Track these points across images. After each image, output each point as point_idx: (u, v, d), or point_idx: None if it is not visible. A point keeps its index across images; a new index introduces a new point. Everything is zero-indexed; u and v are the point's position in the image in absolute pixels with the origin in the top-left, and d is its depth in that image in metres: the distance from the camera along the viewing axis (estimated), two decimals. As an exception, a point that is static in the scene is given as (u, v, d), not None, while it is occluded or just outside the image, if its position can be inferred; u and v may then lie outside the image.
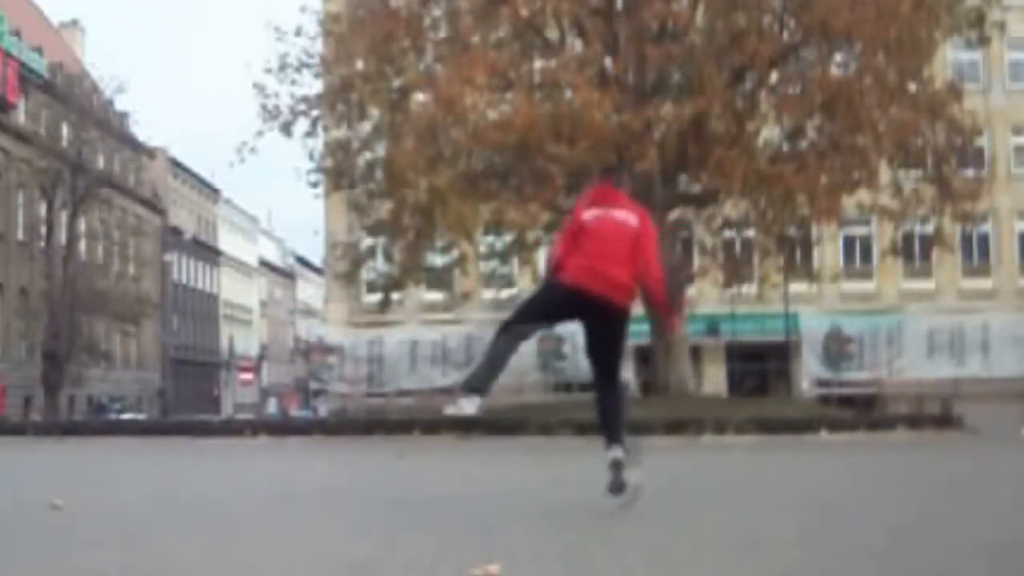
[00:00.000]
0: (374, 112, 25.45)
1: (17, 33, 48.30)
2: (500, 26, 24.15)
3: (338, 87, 25.11)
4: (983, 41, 25.49)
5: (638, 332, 14.46)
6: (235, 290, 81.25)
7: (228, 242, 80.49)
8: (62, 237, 44.59)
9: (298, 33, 25.68)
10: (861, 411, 27.07)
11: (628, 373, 6.11)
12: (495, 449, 17.03)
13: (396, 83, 24.99)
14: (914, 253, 35.17)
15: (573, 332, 36.14)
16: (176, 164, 69.71)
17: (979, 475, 10.12)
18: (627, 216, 6.18)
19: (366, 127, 26.17)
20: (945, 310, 38.02)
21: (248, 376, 75.42)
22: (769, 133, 25.42)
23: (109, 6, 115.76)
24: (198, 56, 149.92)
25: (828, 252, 36.62)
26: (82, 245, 47.66)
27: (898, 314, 38.25)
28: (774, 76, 24.43)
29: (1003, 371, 35.58)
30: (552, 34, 24.78)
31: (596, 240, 6.07)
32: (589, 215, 6.21)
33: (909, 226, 28.37)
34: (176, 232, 67.33)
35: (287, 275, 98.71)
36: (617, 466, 5.87)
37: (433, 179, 23.02)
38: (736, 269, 28.50)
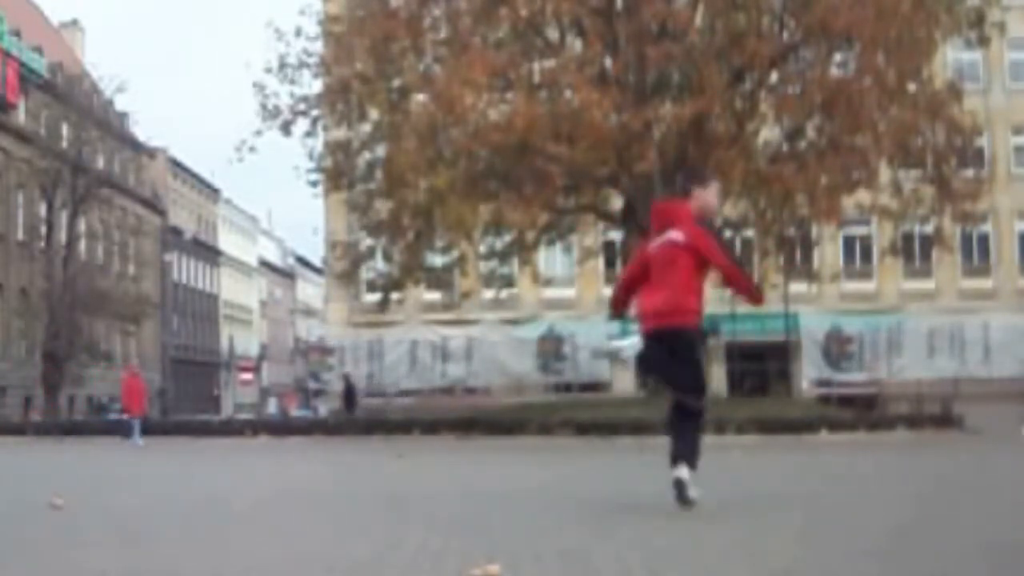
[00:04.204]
0: (374, 112, 25.45)
1: (17, 33, 48.27)
2: (500, 26, 24.15)
3: (338, 87, 25.11)
4: (983, 41, 25.51)
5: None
6: (235, 290, 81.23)
7: (228, 242, 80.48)
8: (62, 237, 44.53)
9: (298, 34, 25.73)
10: (861, 411, 27.03)
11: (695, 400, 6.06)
12: (495, 449, 17.04)
13: (396, 83, 25.00)
14: (914, 253, 35.19)
15: (573, 332, 36.34)
16: (176, 164, 69.69)
17: (979, 475, 10.12)
18: (675, 235, 6.11)
19: (366, 127, 26.17)
20: (945, 310, 37.98)
21: (248, 376, 75.33)
22: (769, 133, 25.42)
23: (109, 6, 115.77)
24: (198, 56, 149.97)
25: (828, 252, 36.63)
26: (82, 245, 47.59)
27: (898, 314, 38.22)
28: (774, 76, 24.44)
29: (1003, 371, 35.52)
30: (552, 34, 24.78)
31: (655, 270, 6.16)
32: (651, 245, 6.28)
33: (909, 226, 28.38)
34: (176, 232, 67.31)
35: (287, 275, 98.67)
36: (680, 485, 5.86)
37: (433, 179, 23.02)
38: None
